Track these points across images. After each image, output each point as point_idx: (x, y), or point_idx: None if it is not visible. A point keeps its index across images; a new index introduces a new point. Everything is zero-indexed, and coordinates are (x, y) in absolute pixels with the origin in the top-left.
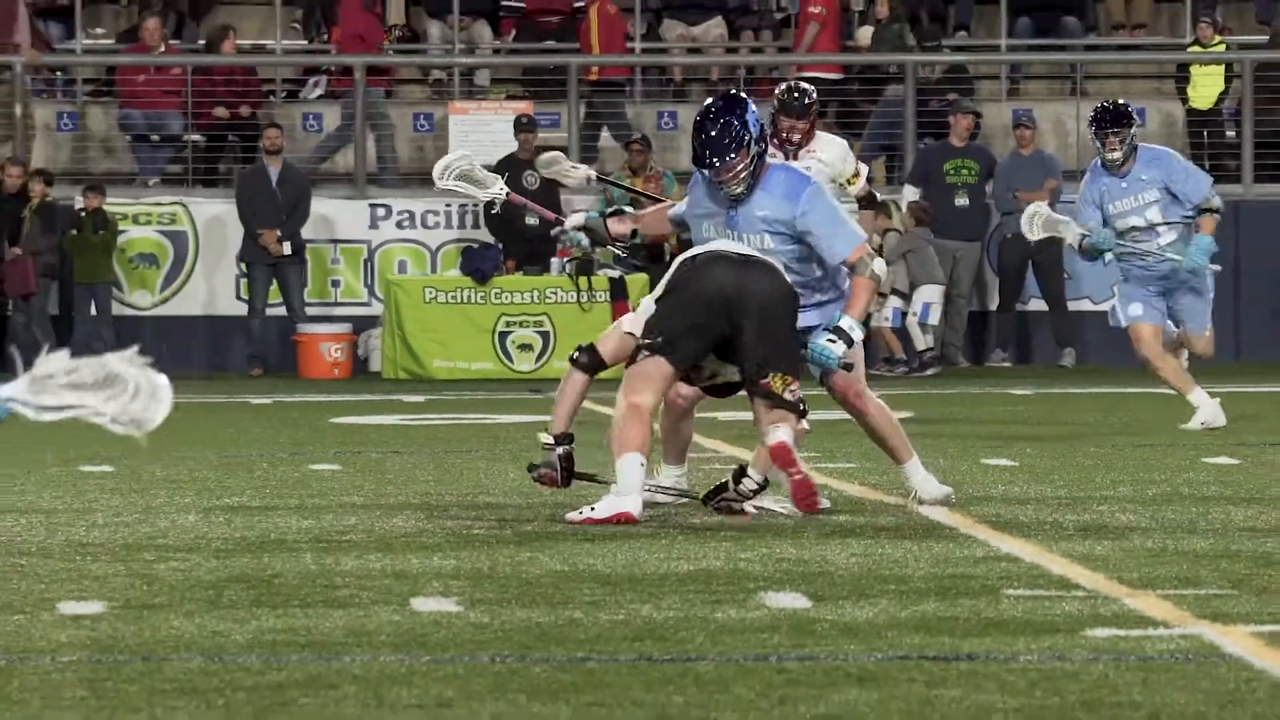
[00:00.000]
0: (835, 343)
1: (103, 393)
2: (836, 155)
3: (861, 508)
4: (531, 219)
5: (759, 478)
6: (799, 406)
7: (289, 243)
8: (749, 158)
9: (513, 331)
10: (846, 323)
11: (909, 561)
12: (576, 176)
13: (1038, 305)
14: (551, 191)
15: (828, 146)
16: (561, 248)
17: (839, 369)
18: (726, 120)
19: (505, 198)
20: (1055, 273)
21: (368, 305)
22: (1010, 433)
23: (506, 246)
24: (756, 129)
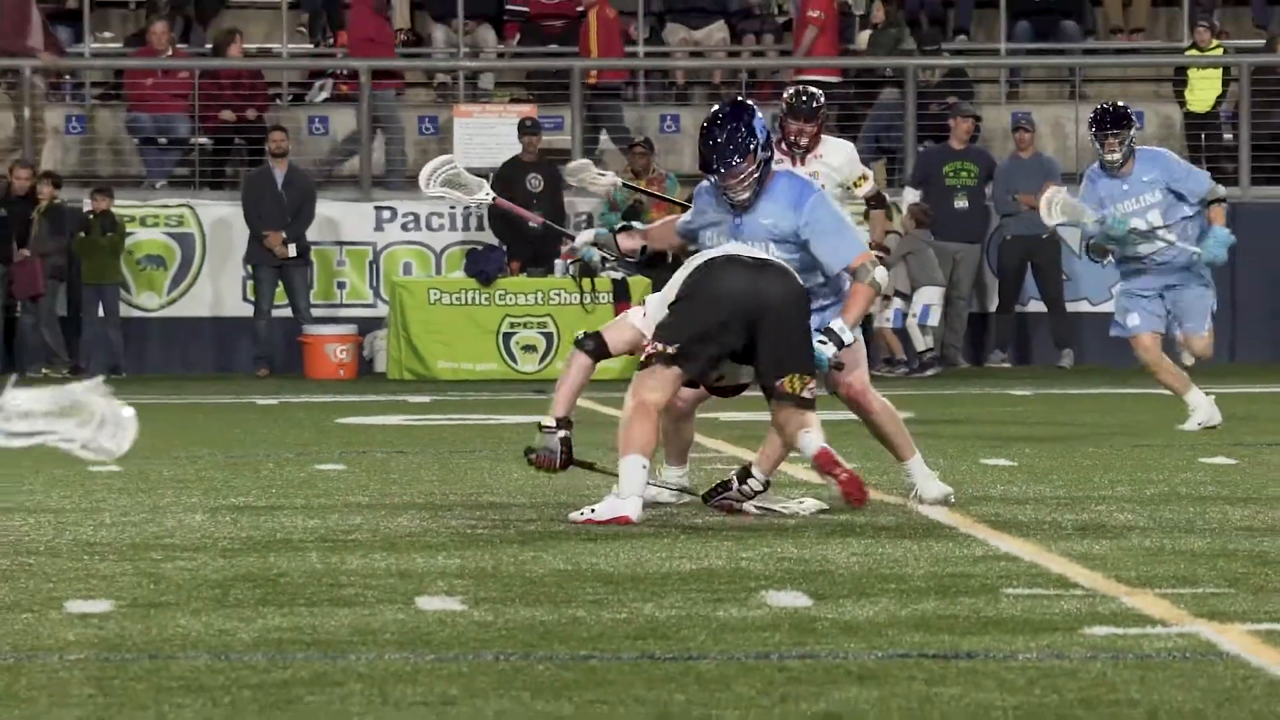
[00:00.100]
0: (825, 344)
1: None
2: (843, 159)
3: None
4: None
5: (762, 478)
6: (814, 403)
7: (294, 245)
8: (755, 164)
9: (516, 333)
10: (838, 324)
11: (909, 561)
12: (603, 183)
13: (1037, 306)
14: (555, 195)
15: (834, 151)
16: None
17: (829, 370)
18: (734, 126)
19: (491, 202)
20: (1054, 274)
21: (373, 307)
22: (1009, 433)
23: (510, 248)
24: (763, 135)
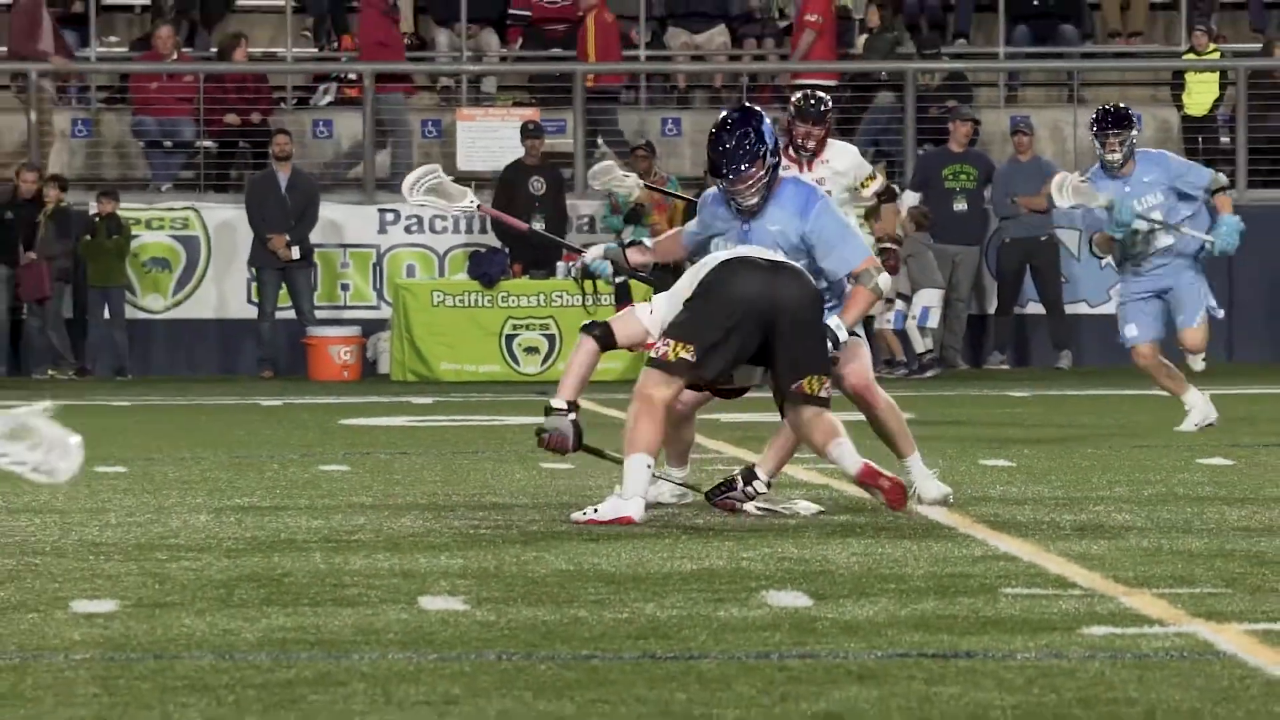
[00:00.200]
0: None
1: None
2: (849, 162)
3: (862, 508)
4: (537, 223)
5: (766, 479)
6: (829, 402)
7: (297, 247)
8: (764, 169)
9: (519, 334)
10: (834, 322)
11: (908, 561)
12: (628, 185)
13: (1035, 308)
14: (557, 198)
15: (840, 154)
16: (566, 253)
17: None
18: (743, 131)
19: (476, 210)
20: (1052, 277)
21: (376, 309)
22: (1008, 434)
23: (513, 251)
24: (772, 141)
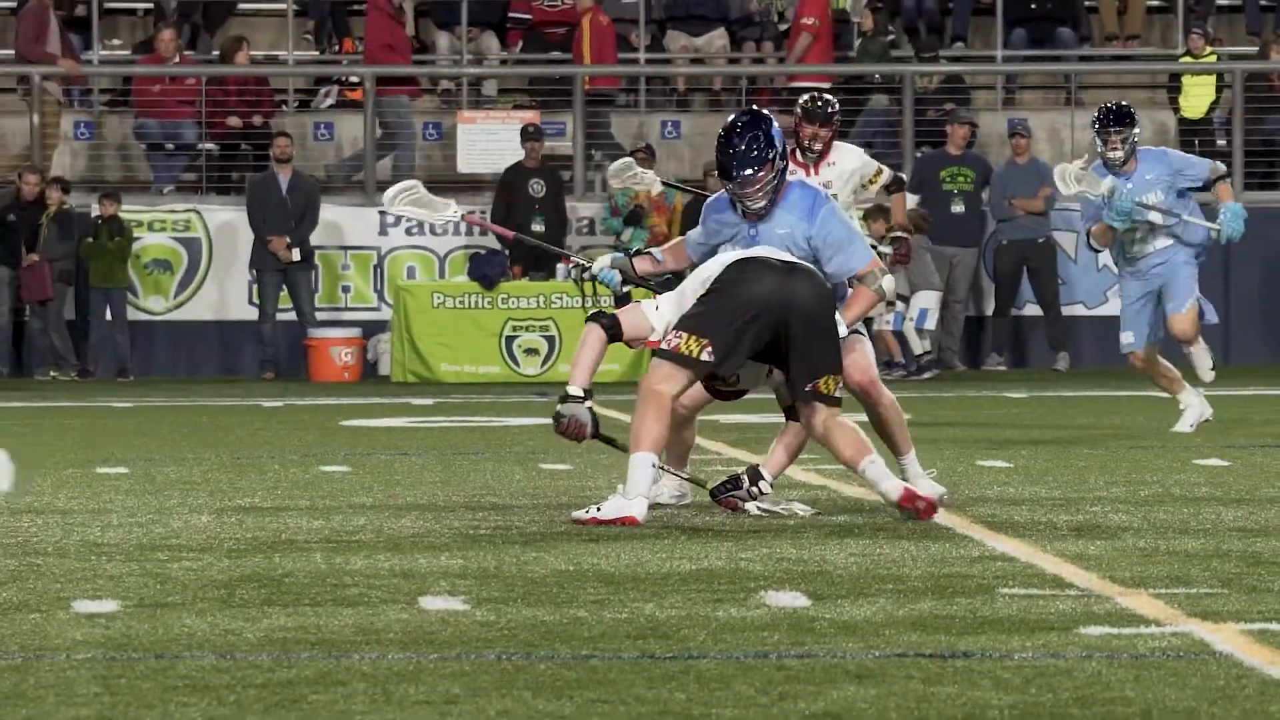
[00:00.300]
0: None
1: None
2: (856, 162)
3: (860, 508)
4: (537, 225)
5: (771, 480)
6: (841, 401)
7: (298, 249)
8: (773, 172)
9: (519, 336)
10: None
11: (906, 561)
12: (647, 182)
13: (1033, 310)
14: (557, 199)
15: (846, 156)
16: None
17: None
18: (753, 134)
19: (459, 220)
20: (1049, 279)
21: (377, 310)
22: (1005, 435)
23: (513, 253)
24: (780, 144)
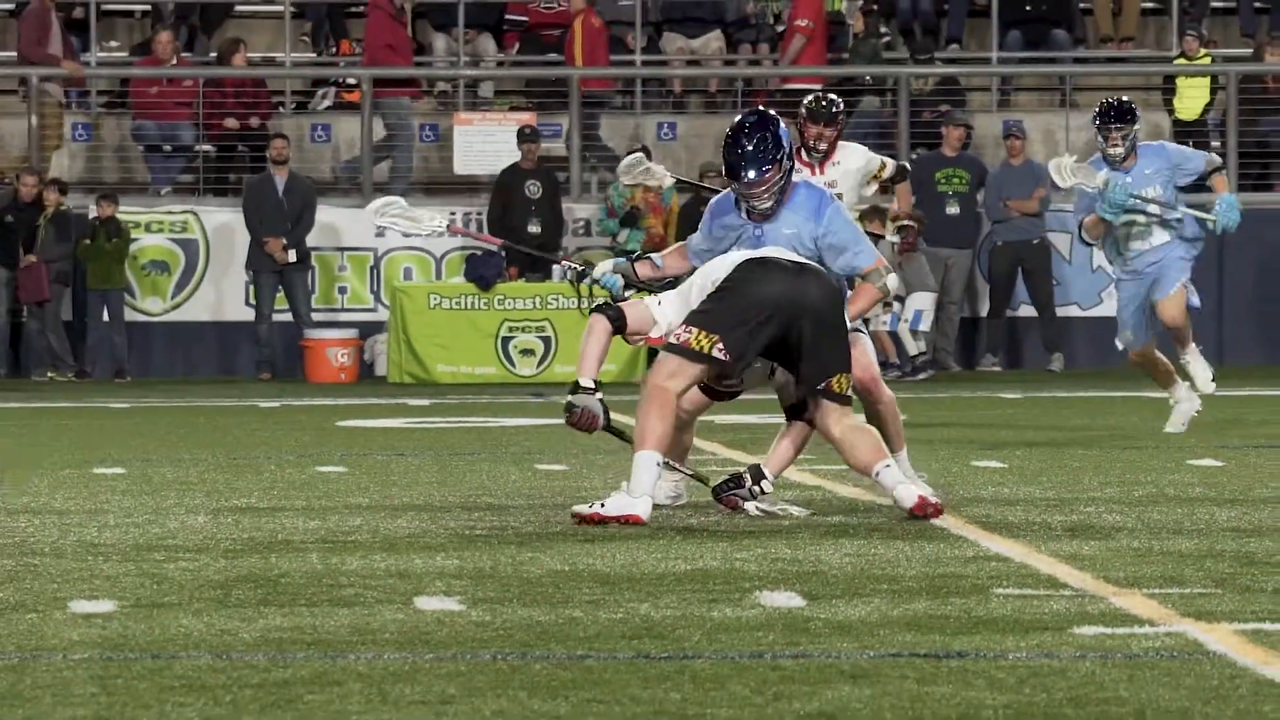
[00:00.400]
0: None
1: None
2: (860, 161)
3: (854, 509)
4: (534, 227)
5: (773, 479)
6: (851, 400)
7: (294, 250)
8: (780, 172)
9: (515, 337)
10: None
11: (901, 561)
12: (658, 177)
13: (1027, 311)
14: (553, 201)
15: (850, 155)
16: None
17: None
18: (761, 135)
19: (446, 230)
20: (1044, 280)
21: (374, 311)
22: (1000, 436)
23: (509, 254)
24: (788, 145)
